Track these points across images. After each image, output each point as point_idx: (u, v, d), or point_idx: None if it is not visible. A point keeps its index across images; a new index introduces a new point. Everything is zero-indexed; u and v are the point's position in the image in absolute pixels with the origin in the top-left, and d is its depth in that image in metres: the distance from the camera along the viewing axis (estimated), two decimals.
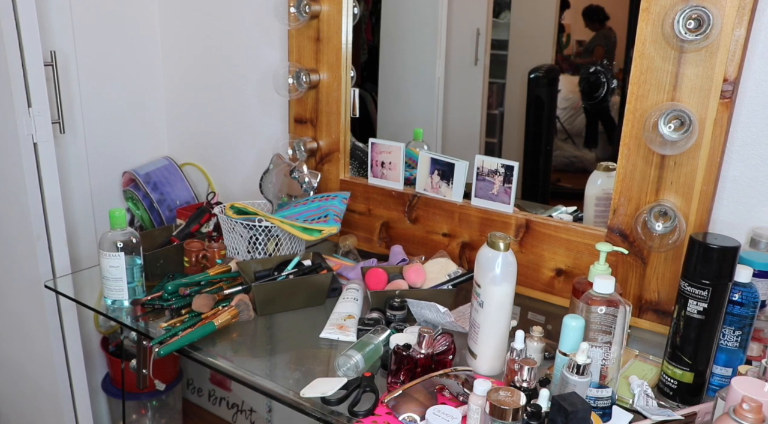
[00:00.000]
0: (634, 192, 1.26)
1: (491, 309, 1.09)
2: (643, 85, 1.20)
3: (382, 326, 1.15)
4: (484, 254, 1.09)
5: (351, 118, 1.69)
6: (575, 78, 1.62)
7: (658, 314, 1.30)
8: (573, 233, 1.37)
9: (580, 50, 1.62)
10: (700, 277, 1.00)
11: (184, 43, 2.05)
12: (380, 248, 1.67)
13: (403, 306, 1.26)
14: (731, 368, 1.06)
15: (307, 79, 1.64)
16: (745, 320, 1.03)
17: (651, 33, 1.18)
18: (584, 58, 1.61)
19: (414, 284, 1.35)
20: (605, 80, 1.56)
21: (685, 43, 1.13)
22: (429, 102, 1.79)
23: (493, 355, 1.12)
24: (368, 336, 1.12)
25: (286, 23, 1.64)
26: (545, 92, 1.65)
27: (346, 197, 1.63)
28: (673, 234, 1.20)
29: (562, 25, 1.60)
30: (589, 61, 1.60)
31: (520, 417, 0.87)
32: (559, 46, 1.63)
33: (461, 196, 1.51)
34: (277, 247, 1.53)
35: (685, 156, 1.19)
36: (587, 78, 1.60)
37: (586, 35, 1.58)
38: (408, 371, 1.04)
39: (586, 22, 1.56)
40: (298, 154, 1.71)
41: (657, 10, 1.16)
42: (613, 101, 1.55)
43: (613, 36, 1.51)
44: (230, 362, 1.16)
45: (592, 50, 1.60)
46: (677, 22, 1.12)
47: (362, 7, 1.67)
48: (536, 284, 1.45)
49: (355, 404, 1.01)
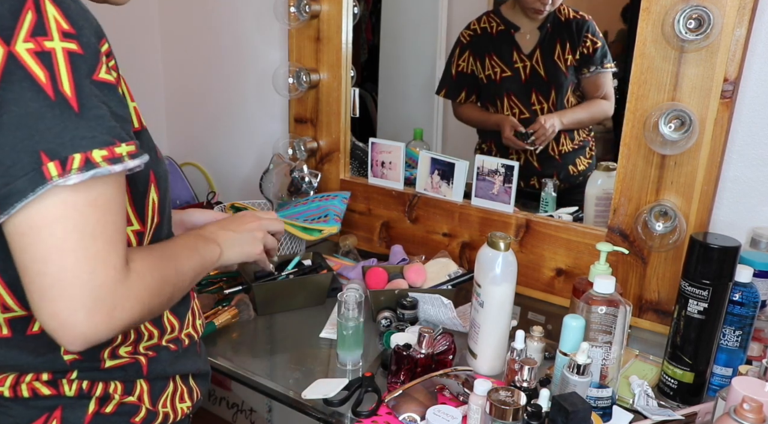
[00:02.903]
0: (635, 192, 1.26)
1: (491, 309, 1.09)
2: (644, 85, 1.20)
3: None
4: (485, 254, 1.09)
5: (351, 118, 1.69)
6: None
7: (658, 314, 1.30)
8: (573, 233, 1.37)
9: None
10: (701, 277, 1.00)
11: (184, 42, 2.05)
12: (380, 247, 1.67)
13: (414, 305, 1.26)
14: (731, 368, 1.06)
15: (307, 78, 1.64)
16: (746, 320, 1.03)
17: (651, 33, 1.17)
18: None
19: (414, 284, 1.35)
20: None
21: (686, 42, 1.13)
22: (429, 102, 1.79)
23: (493, 355, 1.12)
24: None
25: (286, 23, 1.64)
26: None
27: (346, 197, 1.63)
28: (674, 234, 1.20)
29: None
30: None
31: (520, 417, 0.87)
32: None
33: (461, 196, 1.51)
34: (277, 247, 1.52)
35: (685, 156, 1.19)
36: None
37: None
38: (408, 370, 1.04)
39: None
40: (298, 154, 1.71)
41: (657, 9, 1.16)
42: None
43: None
44: (230, 362, 1.16)
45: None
46: (677, 21, 1.12)
47: (362, 7, 1.67)
48: (536, 284, 1.45)
49: (357, 404, 1.01)
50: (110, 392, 0.78)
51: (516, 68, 1.57)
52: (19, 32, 0.59)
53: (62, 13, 0.61)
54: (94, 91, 0.62)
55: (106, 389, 0.77)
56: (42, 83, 0.59)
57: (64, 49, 0.60)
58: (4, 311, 0.72)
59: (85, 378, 0.76)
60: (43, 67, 0.59)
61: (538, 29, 1.55)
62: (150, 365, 0.81)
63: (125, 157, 0.63)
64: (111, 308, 0.63)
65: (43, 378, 0.75)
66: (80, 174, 0.59)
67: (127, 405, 0.79)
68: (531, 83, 1.56)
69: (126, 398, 0.79)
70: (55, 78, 0.59)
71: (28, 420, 0.74)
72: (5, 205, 0.59)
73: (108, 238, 0.63)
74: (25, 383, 0.75)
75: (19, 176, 0.58)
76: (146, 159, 0.67)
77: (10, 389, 0.74)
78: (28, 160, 0.58)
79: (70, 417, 0.76)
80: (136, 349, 0.80)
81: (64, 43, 0.60)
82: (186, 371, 0.88)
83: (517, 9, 1.57)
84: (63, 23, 0.61)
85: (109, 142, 0.62)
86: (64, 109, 0.60)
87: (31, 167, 0.58)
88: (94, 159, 0.60)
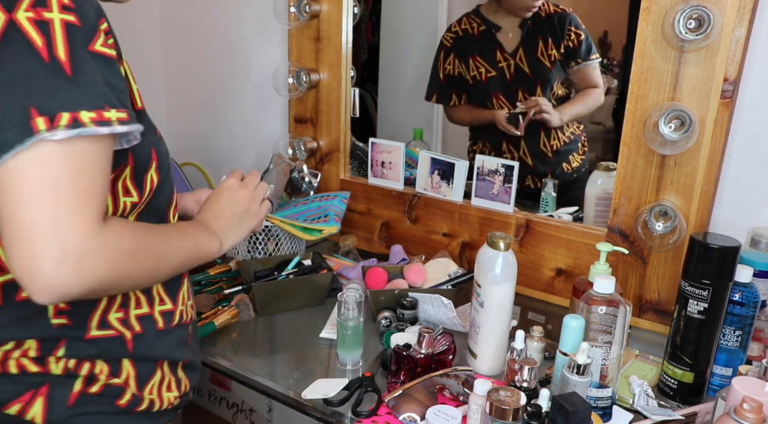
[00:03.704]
0: (635, 192, 1.26)
1: (491, 309, 1.09)
2: (644, 85, 1.20)
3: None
4: (485, 254, 1.09)
5: (351, 117, 1.69)
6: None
7: (658, 313, 1.30)
8: (573, 233, 1.37)
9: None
10: (701, 277, 1.00)
11: (184, 42, 2.05)
12: (380, 247, 1.67)
13: (414, 305, 1.26)
14: (731, 368, 1.06)
15: (307, 78, 1.64)
16: (746, 319, 1.03)
17: (651, 33, 1.17)
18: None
19: (414, 284, 1.35)
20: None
21: (686, 42, 1.13)
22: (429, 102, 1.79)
23: (493, 355, 1.12)
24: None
25: (286, 23, 1.64)
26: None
27: (346, 197, 1.63)
28: (674, 234, 1.20)
29: None
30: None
31: (520, 417, 0.87)
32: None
33: (461, 196, 1.51)
34: (277, 247, 1.53)
35: (685, 156, 1.19)
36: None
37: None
38: (408, 370, 1.04)
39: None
40: (298, 154, 1.71)
41: (657, 9, 1.16)
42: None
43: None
44: (230, 362, 1.16)
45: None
46: (677, 21, 1.12)
47: (362, 7, 1.67)
48: (536, 284, 1.45)
49: (357, 404, 1.01)
50: (96, 373, 0.79)
51: (500, 67, 1.58)
52: (21, 2, 0.63)
53: None
54: (88, 60, 0.65)
55: (92, 369, 0.78)
56: (38, 47, 0.62)
57: (62, 20, 0.64)
58: (1, 273, 0.74)
59: (72, 356, 0.77)
60: (40, 33, 0.63)
61: (519, 27, 1.55)
62: (135, 341, 0.81)
63: (114, 122, 0.66)
64: (78, 261, 0.63)
65: (31, 354, 0.76)
66: (67, 131, 0.62)
67: (112, 387, 0.80)
68: (517, 81, 1.57)
69: (112, 380, 0.80)
70: (51, 44, 0.63)
71: (15, 395, 0.76)
72: None
73: (82, 191, 0.64)
74: (13, 359, 0.76)
75: (8, 128, 0.61)
76: (139, 128, 0.69)
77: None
78: (18, 113, 0.61)
79: (56, 394, 0.77)
80: (127, 315, 0.81)
81: (62, 14, 0.64)
82: (173, 357, 0.88)
83: (497, 8, 1.57)
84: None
85: (98, 106, 0.64)
86: (57, 71, 0.63)
87: (20, 120, 0.61)
88: (81, 119, 0.63)
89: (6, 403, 0.76)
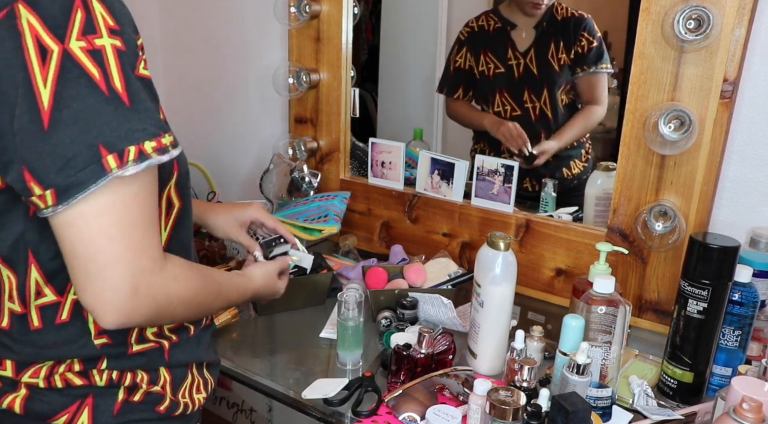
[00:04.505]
0: (634, 192, 1.26)
1: (491, 309, 1.09)
2: (643, 85, 1.20)
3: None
4: (485, 254, 1.09)
5: (351, 118, 1.69)
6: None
7: (658, 313, 1.30)
8: (573, 233, 1.37)
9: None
10: (700, 277, 1.00)
11: (184, 42, 2.05)
12: (380, 247, 1.67)
13: (414, 305, 1.26)
14: (731, 368, 1.06)
15: (307, 78, 1.64)
16: (745, 319, 1.03)
17: (651, 33, 1.18)
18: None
19: (414, 284, 1.35)
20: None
21: (685, 43, 1.13)
22: (429, 102, 1.79)
23: (493, 355, 1.12)
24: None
25: (286, 23, 1.64)
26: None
27: (346, 197, 1.63)
28: (673, 234, 1.20)
29: None
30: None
31: (520, 417, 0.87)
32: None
33: (461, 196, 1.51)
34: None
35: (685, 156, 1.19)
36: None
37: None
38: (408, 370, 1.04)
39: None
40: (298, 154, 1.71)
41: (657, 10, 1.16)
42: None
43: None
44: (230, 362, 1.16)
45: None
46: (677, 22, 1.12)
47: (362, 7, 1.67)
48: (536, 284, 1.45)
49: (357, 404, 1.01)
50: (138, 382, 0.81)
51: (510, 65, 1.57)
52: (71, 30, 0.63)
53: (108, 10, 0.66)
54: (139, 87, 0.67)
55: (134, 379, 0.81)
56: (97, 80, 0.63)
57: (113, 45, 0.65)
58: (37, 297, 0.75)
59: (114, 368, 0.79)
60: (96, 65, 0.63)
61: (534, 28, 1.55)
62: (172, 351, 0.84)
63: (169, 148, 0.68)
64: (145, 295, 0.67)
65: (75, 369, 0.78)
66: (136, 165, 0.64)
67: (153, 394, 0.82)
68: (524, 81, 1.57)
69: (152, 388, 0.82)
70: (108, 75, 0.64)
71: (62, 407, 0.78)
72: (66, 196, 0.62)
73: (147, 225, 0.68)
74: (58, 374, 0.78)
75: (80, 168, 0.62)
76: (181, 149, 0.72)
77: (44, 380, 0.77)
78: (87, 152, 0.62)
79: (101, 404, 0.79)
80: (161, 329, 0.83)
81: (111, 39, 0.65)
82: (201, 359, 0.91)
83: (515, 7, 1.57)
84: (109, 20, 0.65)
85: (156, 134, 0.67)
86: (117, 104, 0.64)
87: (92, 160, 0.62)
88: (146, 150, 0.65)
89: (53, 415, 0.78)
